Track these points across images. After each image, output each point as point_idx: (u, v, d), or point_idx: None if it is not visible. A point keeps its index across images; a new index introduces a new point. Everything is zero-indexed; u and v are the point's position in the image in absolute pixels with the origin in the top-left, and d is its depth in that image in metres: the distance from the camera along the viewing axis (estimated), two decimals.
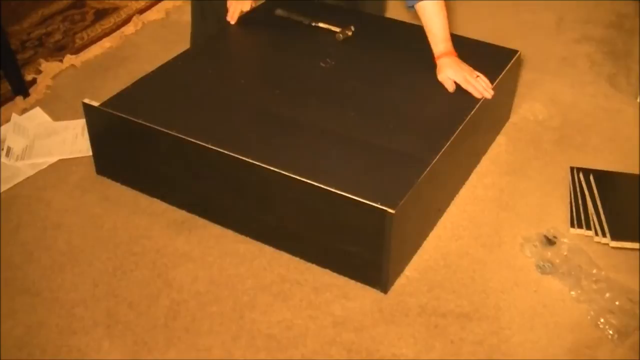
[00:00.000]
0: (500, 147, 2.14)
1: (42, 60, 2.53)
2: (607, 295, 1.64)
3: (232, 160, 1.71)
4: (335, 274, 1.72)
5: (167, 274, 1.73)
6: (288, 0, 2.34)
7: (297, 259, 1.76)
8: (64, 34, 2.72)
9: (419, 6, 1.93)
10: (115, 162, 1.99)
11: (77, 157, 2.09)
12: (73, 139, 2.15)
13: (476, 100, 1.90)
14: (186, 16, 2.80)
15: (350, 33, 2.18)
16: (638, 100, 2.34)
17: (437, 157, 1.71)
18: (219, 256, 1.77)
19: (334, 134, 1.80)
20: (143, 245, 1.81)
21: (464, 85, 1.91)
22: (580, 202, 1.90)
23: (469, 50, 2.14)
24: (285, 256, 1.77)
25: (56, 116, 2.27)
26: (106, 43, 2.64)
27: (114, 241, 1.82)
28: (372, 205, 1.56)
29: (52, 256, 1.78)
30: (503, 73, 2.02)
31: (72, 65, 2.53)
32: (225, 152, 1.71)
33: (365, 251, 1.65)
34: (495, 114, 2.13)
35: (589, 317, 1.62)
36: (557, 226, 1.84)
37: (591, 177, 1.95)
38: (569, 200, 1.93)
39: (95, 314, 1.63)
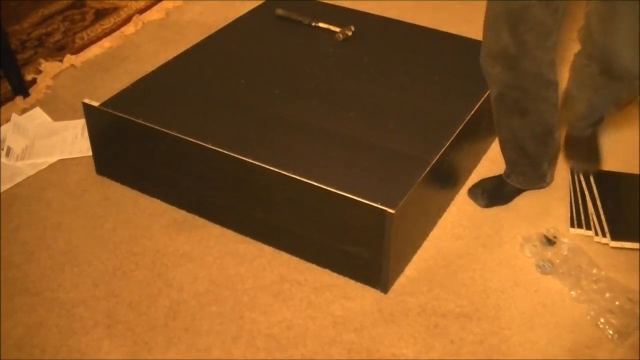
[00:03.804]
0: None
1: (42, 60, 2.53)
2: (607, 295, 1.64)
3: (232, 160, 1.71)
4: (335, 274, 1.72)
5: (167, 274, 1.73)
6: (288, 1, 2.34)
7: (297, 259, 1.76)
8: (64, 34, 2.72)
9: None
10: (115, 162, 1.99)
11: (77, 157, 2.09)
12: (73, 139, 2.15)
13: (476, 100, 1.90)
14: (186, 16, 2.81)
15: (350, 33, 2.18)
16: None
17: (437, 157, 1.71)
18: (219, 256, 1.77)
19: (334, 134, 1.80)
20: (143, 245, 1.81)
21: None
22: (580, 202, 1.89)
23: (470, 50, 2.14)
24: (285, 256, 1.77)
25: (56, 116, 2.27)
26: (106, 43, 2.64)
27: (114, 241, 1.82)
28: (372, 205, 1.56)
29: (52, 256, 1.78)
30: None
31: (72, 65, 2.53)
32: (225, 152, 1.71)
33: (365, 251, 1.65)
34: None
35: (588, 317, 1.62)
36: (557, 226, 1.84)
37: (591, 177, 1.95)
38: (569, 200, 1.93)
39: (95, 314, 1.63)
